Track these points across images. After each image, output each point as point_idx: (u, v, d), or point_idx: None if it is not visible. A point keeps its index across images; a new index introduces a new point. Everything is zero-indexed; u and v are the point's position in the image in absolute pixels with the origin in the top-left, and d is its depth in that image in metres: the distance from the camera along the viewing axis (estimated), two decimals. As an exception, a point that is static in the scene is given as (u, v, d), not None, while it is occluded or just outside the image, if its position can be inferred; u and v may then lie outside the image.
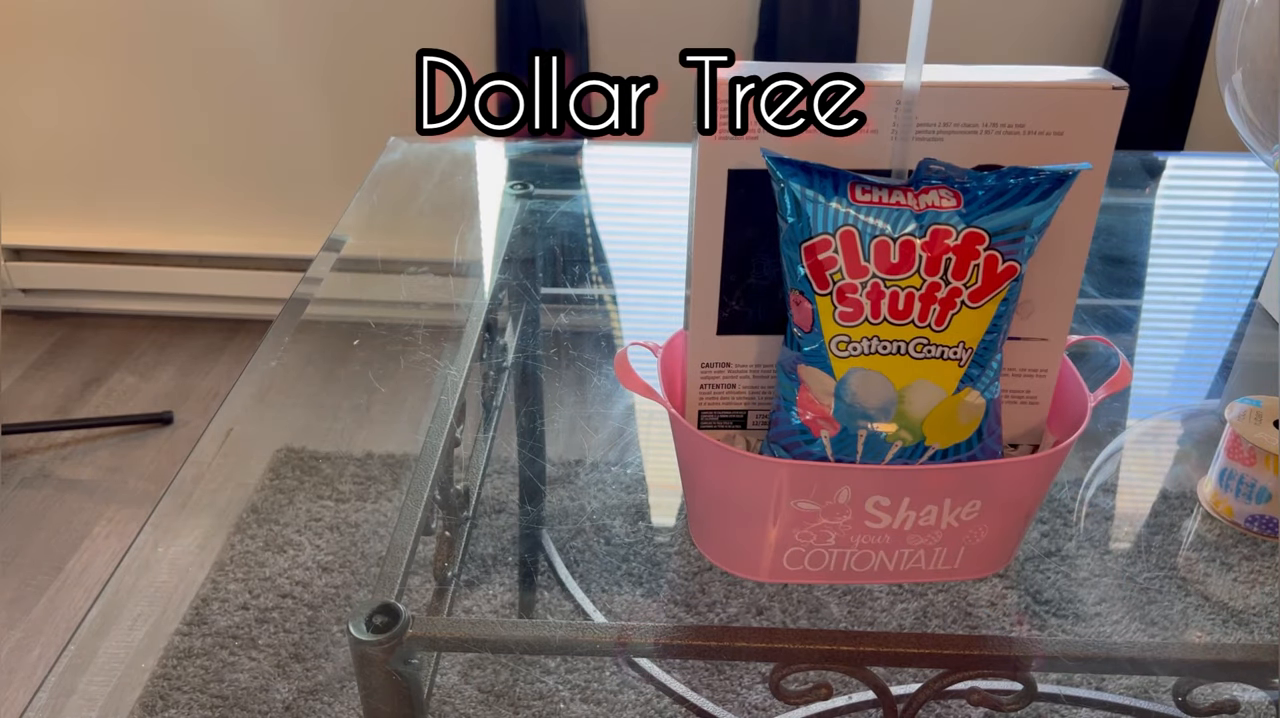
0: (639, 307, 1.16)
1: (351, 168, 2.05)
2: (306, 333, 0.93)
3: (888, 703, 0.55)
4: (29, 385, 2.07)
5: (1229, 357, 1.11)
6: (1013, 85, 0.55)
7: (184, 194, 2.16)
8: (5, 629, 1.50)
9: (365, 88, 2.00)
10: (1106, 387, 0.63)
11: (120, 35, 2.00)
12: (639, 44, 1.91)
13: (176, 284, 2.20)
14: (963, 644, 0.53)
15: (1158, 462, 0.94)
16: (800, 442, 0.58)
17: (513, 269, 0.98)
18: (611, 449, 0.89)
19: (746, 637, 0.53)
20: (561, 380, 0.94)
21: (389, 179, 1.26)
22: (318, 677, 0.73)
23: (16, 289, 2.22)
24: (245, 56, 2.00)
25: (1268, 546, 0.79)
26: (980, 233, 0.53)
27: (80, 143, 2.12)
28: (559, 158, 1.37)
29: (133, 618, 0.70)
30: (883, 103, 0.55)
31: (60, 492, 1.78)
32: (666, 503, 0.88)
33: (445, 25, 1.93)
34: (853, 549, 0.61)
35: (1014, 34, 1.88)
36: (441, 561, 0.72)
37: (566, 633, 0.54)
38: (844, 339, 0.55)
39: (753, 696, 0.73)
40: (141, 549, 0.71)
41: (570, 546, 0.82)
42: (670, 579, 0.79)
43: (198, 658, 0.74)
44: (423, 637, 0.52)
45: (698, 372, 0.63)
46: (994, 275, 0.54)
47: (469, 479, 0.78)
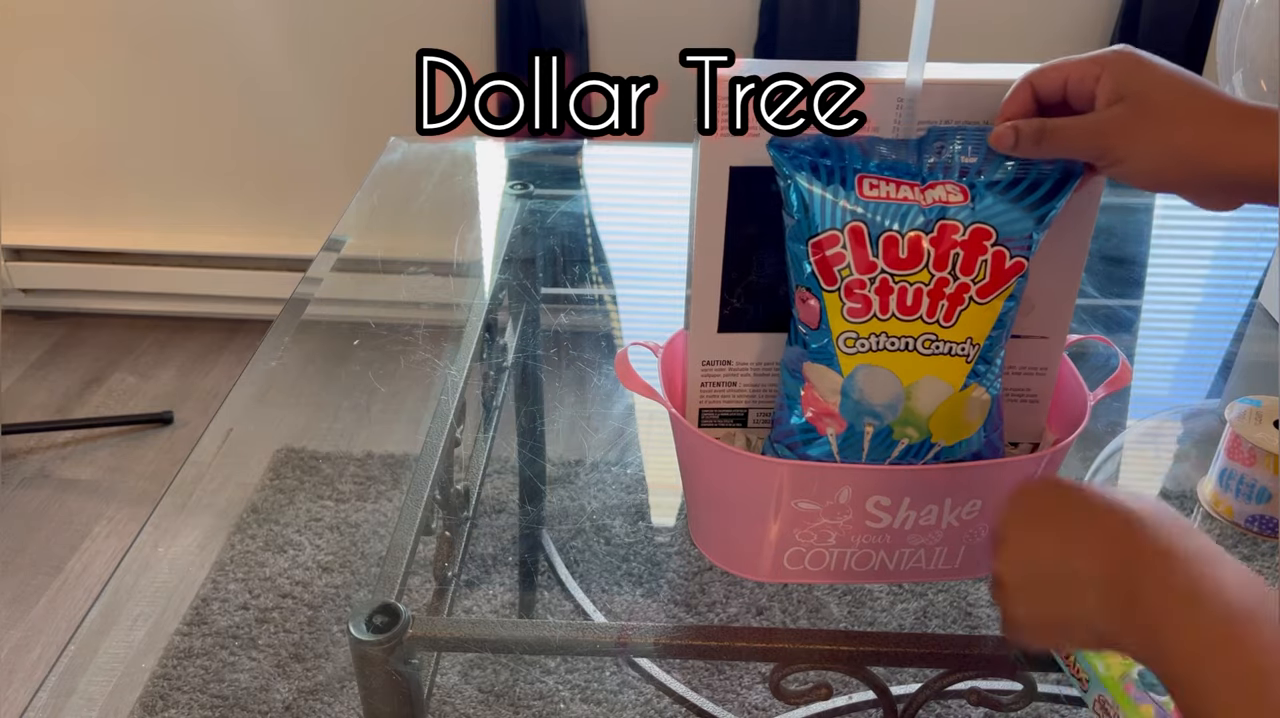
0: (639, 307, 1.16)
1: (351, 168, 2.05)
2: (306, 333, 0.93)
3: (887, 703, 0.55)
4: (29, 385, 2.07)
5: (1229, 357, 1.11)
6: (1013, 83, 0.55)
7: (184, 194, 2.16)
8: (5, 629, 1.50)
9: (365, 88, 2.00)
10: (1106, 386, 0.63)
11: (120, 35, 2.00)
12: (639, 44, 1.91)
13: (176, 284, 2.20)
14: (963, 644, 0.53)
15: (1158, 462, 0.94)
16: (803, 441, 0.58)
17: (513, 269, 0.97)
18: (611, 449, 0.89)
19: (746, 637, 0.53)
20: (561, 380, 0.94)
21: (389, 179, 1.25)
22: (318, 677, 0.73)
23: (16, 289, 2.22)
24: (245, 56, 2.00)
25: (1268, 545, 0.79)
26: (988, 228, 0.53)
27: (80, 143, 2.12)
28: (559, 158, 1.37)
29: (133, 618, 0.70)
30: (884, 100, 0.55)
31: (60, 492, 1.78)
32: (666, 503, 0.88)
33: (445, 25, 1.93)
34: (853, 549, 0.61)
35: (1014, 33, 1.88)
36: (441, 561, 0.72)
37: (566, 633, 0.54)
38: (852, 335, 0.55)
39: (753, 696, 0.73)
40: (141, 549, 0.71)
41: (570, 545, 0.82)
42: (670, 579, 0.79)
43: (198, 658, 0.74)
44: (423, 637, 0.52)
45: (699, 369, 0.63)
46: (1002, 271, 0.54)
47: (469, 479, 0.78)
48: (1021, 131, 0.52)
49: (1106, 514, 0.44)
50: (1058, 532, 0.45)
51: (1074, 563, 0.43)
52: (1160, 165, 0.50)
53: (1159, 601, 0.40)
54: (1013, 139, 0.52)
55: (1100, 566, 0.42)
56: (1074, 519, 0.45)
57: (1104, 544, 0.43)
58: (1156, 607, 0.40)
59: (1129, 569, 0.41)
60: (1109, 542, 0.43)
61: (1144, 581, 0.40)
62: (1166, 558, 0.41)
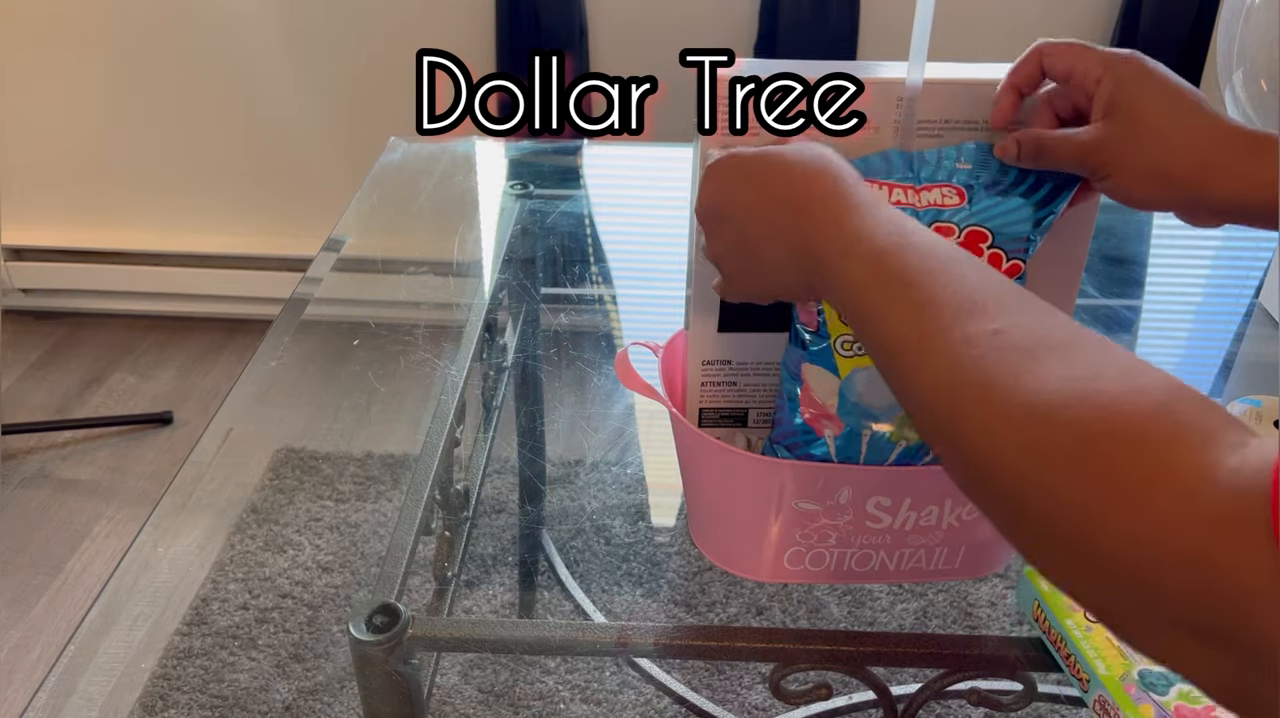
0: (639, 307, 1.16)
1: (351, 168, 2.05)
2: (306, 333, 0.93)
3: (887, 703, 0.55)
4: (29, 385, 2.07)
5: (1229, 357, 1.11)
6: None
7: (184, 194, 2.16)
8: (5, 629, 1.50)
9: (365, 88, 2.00)
10: (1107, 386, 0.63)
11: (120, 35, 2.00)
12: (639, 44, 1.91)
13: (176, 284, 2.20)
14: (963, 644, 0.53)
15: (1158, 462, 0.94)
16: (802, 442, 0.58)
17: (513, 269, 0.97)
18: (611, 449, 0.89)
19: (746, 637, 0.53)
20: (561, 380, 0.94)
21: (389, 179, 1.25)
22: (318, 677, 0.73)
23: (16, 289, 2.22)
24: (246, 56, 2.00)
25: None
26: (984, 231, 0.53)
27: (80, 143, 2.12)
28: (559, 158, 1.37)
29: (133, 618, 0.70)
30: (883, 100, 0.55)
31: (60, 492, 1.78)
32: (666, 503, 0.88)
33: (445, 25, 1.93)
34: (853, 549, 0.61)
35: (1014, 33, 1.88)
36: (441, 561, 0.72)
37: (566, 633, 0.54)
38: (849, 339, 0.55)
39: (753, 696, 0.73)
40: (141, 549, 0.71)
41: (570, 546, 0.82)
42: (670, 579, 0.79)
43: (198, 658, 0.74)
44: (423, 637, 0.52)
45: (699, 369, 0.63)
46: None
47: (469, 479, 0.78)
48: (1022, 145, 0.53)
49: (782, 182, 0.49)
50: (746, 213, 0.50)
51: (763, 248, 0.49)
52: (1150, 186, 0.51)
53: (827, 249, 0.46)
54: (1015, 151, 0.54)
55: (785, 242, 0.48)
56: (757, 200, 0.50)
57: (784, 216, 0.48)
58: (827, 256, 0.46)
59: (804, 233, 0.47)
60: (788, 212, 0.48)
61: (815, 235, 0.47)
62: (832, 211, 0.46)
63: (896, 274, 0.42)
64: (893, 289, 0.42)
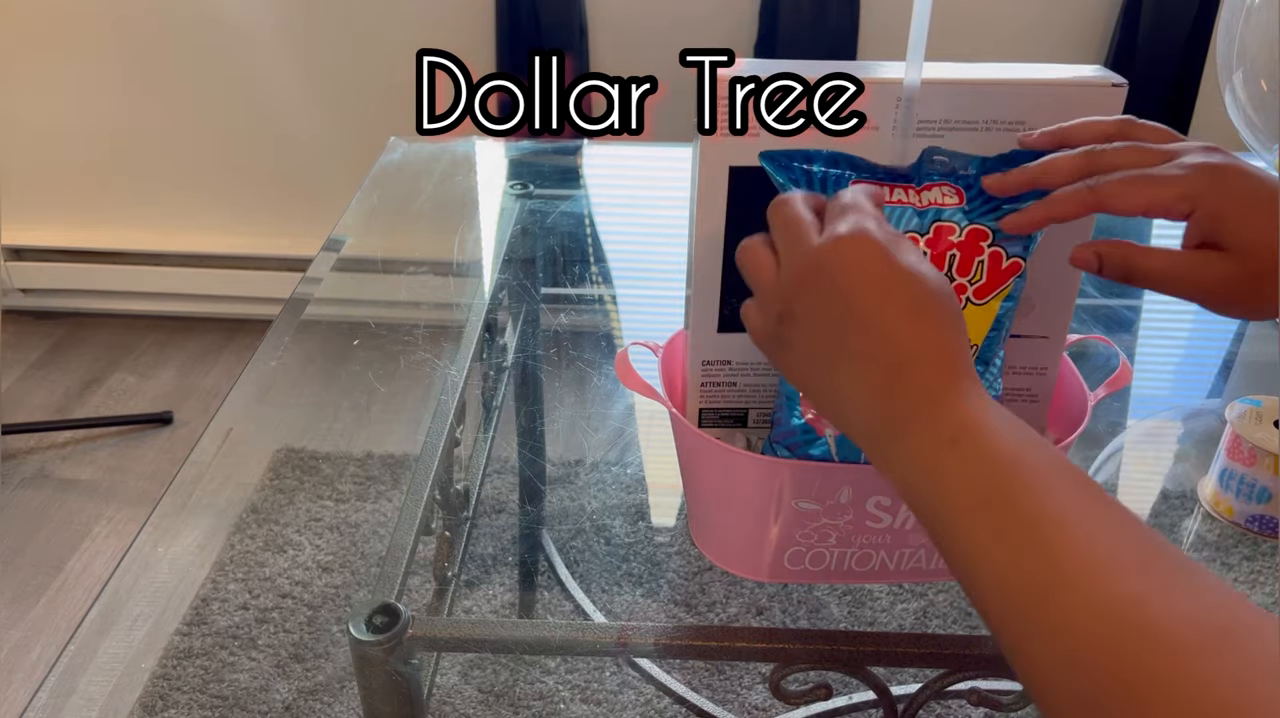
0: (639, 307, 1.16)
1: (351, 168, 2.05)
2: (306, 333, 0.93)
3: (887, 703, 0.55)
4: (29, 385, 2.07)
5: (1229, 357, 1.11)
6: (1013, 83, 0.55)
7: (184, 194, 2.16)
8: (5, 629, 1.50)
9: (365, 88, 2.00)
10: (1106, 385, 0.63)
11: (120, 35, 2.00)
12: (639, 44, 1.91)
13: (176, 284, 2.20)
14: (963, 644, 0.53)
15: (1158, 461, 0.94)
16: (802, 442, 0.58)
17: (513, 269, 0.97)
18: (611, 449, 0.89)
19: (746, 637, 0.53)
20: (561, 380, 0.94)
21: (389, 179, 1.25)
22: (318, 677, 0.73)
23: (16, 289, 2.22)
24: (245, 56, 2.00)
25: (1268, 545, 0.79)
26: (984, 229, 0.53)
27: (80, 143, 2.12)
28: (559, 158, 1.37)
29: (133, 618, 0.70)
30: (883, 100, 0.55)
31: (60, 492, 1.78)
32: (666, 503, 0.88)
33: (445, 25, 1.93)
34: (854, 549, 0.61)
35: (1014, 33, 1.88)
36: (441, 561, 0.72)
37: (566, 633, 0.54)
38: None
39: (753, 696, 0.73)
40: (141, 549, 0.71)
41: (570, 546, 0.82)
42: (670, 579, 0.79)
43: (198, 658, 0.74)
44: (423, 637, 0.52)
45: (699, 369, 0.63)
46: (998, 272, 0.54)
47: (469, 479, 0.78)
48: (1105, 259, 0.48)
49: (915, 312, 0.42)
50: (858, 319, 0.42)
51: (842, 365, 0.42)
52: (1255, 309, 0.47)
53: (924, 421, 0.39)
54: (1096, 264, 0.48)
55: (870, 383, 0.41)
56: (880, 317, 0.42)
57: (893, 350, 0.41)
58: (916, 452, 0.39)
59: (899, 408, 0.40)
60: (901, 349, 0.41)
61: (917, 397, 0.40)
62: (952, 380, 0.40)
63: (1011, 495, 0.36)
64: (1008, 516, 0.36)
